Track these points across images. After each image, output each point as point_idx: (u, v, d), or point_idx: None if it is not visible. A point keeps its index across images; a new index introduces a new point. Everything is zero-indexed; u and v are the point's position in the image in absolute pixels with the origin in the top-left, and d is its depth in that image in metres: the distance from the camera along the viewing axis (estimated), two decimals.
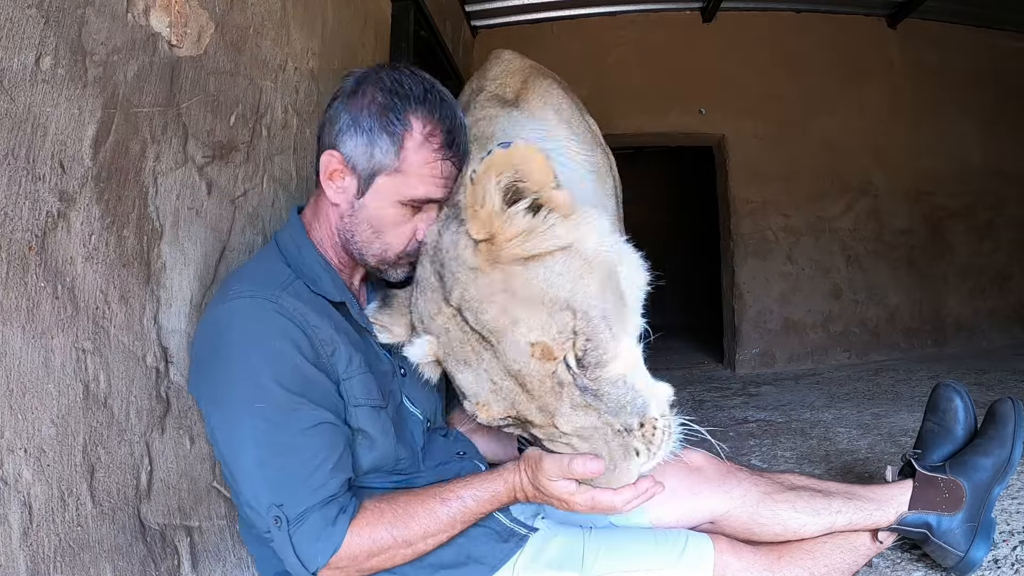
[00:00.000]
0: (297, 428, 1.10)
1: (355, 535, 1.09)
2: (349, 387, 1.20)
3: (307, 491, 1.08)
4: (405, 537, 1.12)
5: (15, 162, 0.96)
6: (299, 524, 1.07)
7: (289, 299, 1.17)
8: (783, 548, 1.38)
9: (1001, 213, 5.07)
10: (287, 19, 1.78)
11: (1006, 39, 5.04)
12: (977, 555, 1.45)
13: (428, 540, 1.14)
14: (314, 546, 1.07)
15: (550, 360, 1.08)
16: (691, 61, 4.76)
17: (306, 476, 1.08)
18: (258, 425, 1.09)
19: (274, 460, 1.09)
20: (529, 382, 1.09)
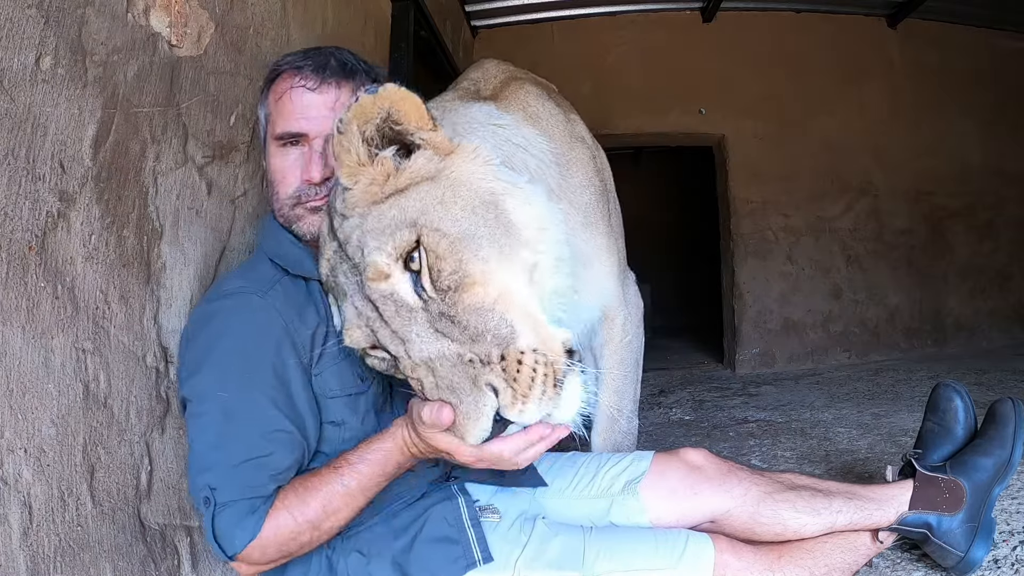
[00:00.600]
0: (253, 427, 1.11)
1: (272, 520, 1.09)
2: (324, 380, 1.21)
3: (241, 488, 1.09)
4: (307, 518, 1.10)
5: (15, 162, 0.96)
6: (223, 509, 1.08)
7: (276, 297, 1.20)
8: (783, 548, 1.38)
9: (1001, 213, 5.07)
10: (287, 19, 1.78)
11: (1006, 39, 5.04)
12: (977, 555, 1.45)
13: (331, 518, 1.12)
14: (231, 532, 1.08)
15: (384, 279, 1.01)
16: (691, 61, 4.76)
17: (247, 475, 1.10)
18: (216, 411, 1.11)
19: (223, 448, 1.10)
20: (380, 305, 1.03)
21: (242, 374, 1.13)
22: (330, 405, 1.22)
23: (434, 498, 1.29)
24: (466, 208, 1.06)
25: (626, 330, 1.89)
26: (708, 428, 3.28)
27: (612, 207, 1.85)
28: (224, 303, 1.19)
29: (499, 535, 1.25)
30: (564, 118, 1.69)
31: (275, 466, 1.12)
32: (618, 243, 1.83)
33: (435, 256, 1.01)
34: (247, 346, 1.15)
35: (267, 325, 1.16)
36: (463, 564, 1.18)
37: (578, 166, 1.64)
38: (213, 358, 1.14)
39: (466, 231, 1.03)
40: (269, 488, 1.11)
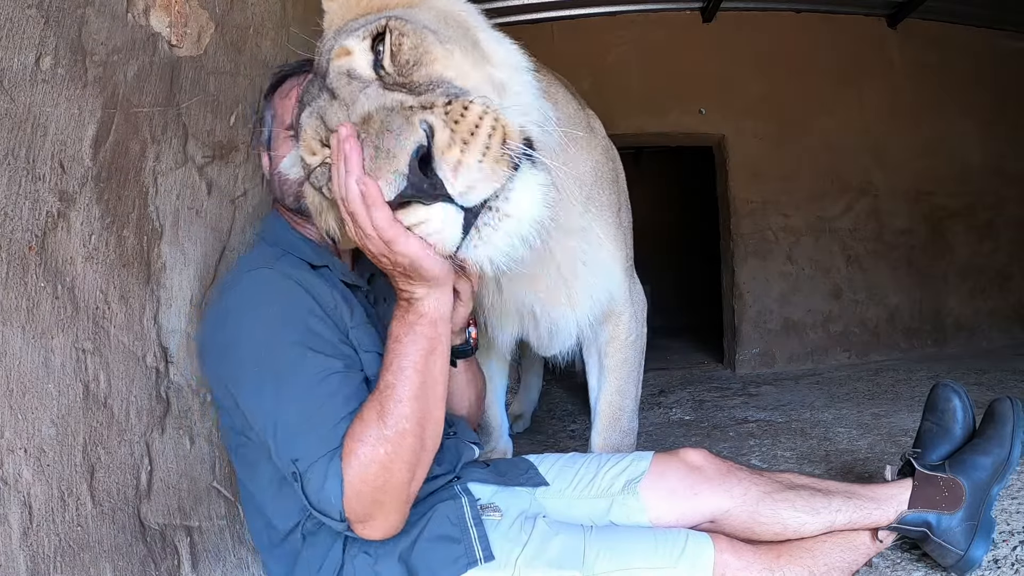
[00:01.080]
0: (305, 379, 1.11)
1: (347, 467, 1.04)
2: (357, 335, 1.24)
3: (317, 443, 1.07)
4: (369, 434, 1.04)
5: (15, 162, 0.96)
6: (308, 478, 1.06)
7: (285, 265, 1.23)
8: (783, 547, 1.38)
9: (1001, 213, 5.06)
10: (287, 19, 1.78)
11: (1006, 39, 5.03)
12: (977, 554, 1.45)
13: (387, 420, 1.05)
14: (321, 493, 1.05)
15: (345, 55, 0.99)
16: (691, 61, 4.76)
17: (316, 427, 1.08)
18: (267, 387, 1.10)
19: (284, 417, 1.09)
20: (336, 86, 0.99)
21: (274, 337, 1.13)
22: (364, 358, 1.23)
23: (438, 497, 1.29)
24: (436, 18, 1.05)
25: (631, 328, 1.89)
26: (708, 428, 3.28)
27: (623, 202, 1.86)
28: (236, 291, 1.21)
29: (500, 533, 1.25)
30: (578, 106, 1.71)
31: (340, 408, 1.10)
32: (627, 239, 1.84)
33: (399, 35, 0.98)
34: (270, 312, 1.16)
35: (283, 288, 1.19)
36: (464, 563, 1.19)
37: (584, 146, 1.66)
38: (242, 340, 1.15)
39: (429, 28, 1.01)
40: (339, 436, 1.07)
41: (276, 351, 1.12)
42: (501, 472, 1.48)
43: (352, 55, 0.99)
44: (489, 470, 1.45)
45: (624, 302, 1.85)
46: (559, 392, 4.18)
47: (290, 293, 1.18)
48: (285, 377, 1.11)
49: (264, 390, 1.11)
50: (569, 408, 3.82)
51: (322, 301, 1.21)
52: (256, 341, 1.14)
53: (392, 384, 1.06)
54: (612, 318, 1.86)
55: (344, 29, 1.06)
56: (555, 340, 1.84)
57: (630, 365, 1.92)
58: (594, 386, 1.99)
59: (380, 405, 1.06)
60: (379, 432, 1.05)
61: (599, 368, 1.95)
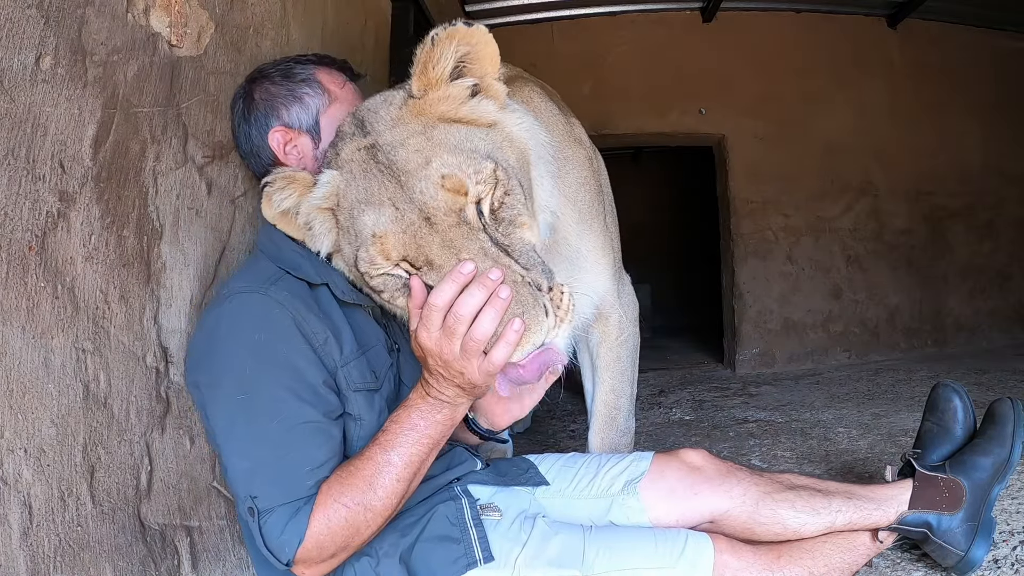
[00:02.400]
0: (280, 424, 1.11)
1: (314, 523, 1.07)
2: (347, 372, 1.22)
3: (280, 490, 1.08)
4: (356, 500, 1.08)
5: (15, 162, 0.96)
6: (267, 516, 1.08)
7: (279, 292, 1.19)
8: (783, 548, 1.38)
9: (1001, 213, 5.07)
10: (287, 19, 1.78)
11: (1006, 39, 5.03)
12: (977, 554, 1.45)
13: (381, 491, 1.09)
14: (280, 539, 1.07)
15: (460, 194, 1.07)
16: (691, 61, 4.76)
17: (282, 474, 1.09)
18: (241, 417, 1.11)
19: (253, 453, 1.10)
20: (435, 215, 1.06)
21: (257, 372, 1.12)
22: (351, 398, 1.22)
23: (438, 498, 1.29)
24: (519, 161, 1.19)
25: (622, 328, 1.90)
26: (708, 428, 3.28)
27: (608, 208, 1.87)
28: (227, 307, 1.18)
29: (499, 533, 1.25)
30: (564, 120, 1.71)
31: (310, 460, 1.10)
32: (613, 243, 1.85)
33: (504, 191, 1.11)
34: (256, 343, 1.14)
35: (273, 319, 1.16)
36: (464, 563, 1.18)
37: (574, 164, 1.67)
38: (225, 363, 1.14)
39: (519, 181, 1.15)
40: (308, 486, 1.09)
41: (256, 388, 1.11)
42: (501, 472, 1.48)
43: (465, 197, 1.07)
44: (489, 470, 1.45)
45: (613, 304, 1.86)
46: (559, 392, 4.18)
47: (279, 326, 1.15)
48: (260, 417, 1.10)
49: (236, 423, 1.11)
50: (569, 408, 3.82)
51: (312, 338, 1.18)
52: (238, 373, 1.12)
53: (394, 465, 1.10)
54: (601, 320, 1.87)
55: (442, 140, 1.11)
56: None
57: (623, 364, 1.92)
58: (589, 388, 2.00)
59: (374, 478, 1.10)
60: (365, 499, 1.09)
61: (592, 369, 1.96)
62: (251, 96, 1.40)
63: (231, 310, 1.17)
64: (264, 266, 1.27)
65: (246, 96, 1.41)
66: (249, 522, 1.09)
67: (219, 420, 1.13)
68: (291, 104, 1.36)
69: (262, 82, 1.40)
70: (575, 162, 1.67)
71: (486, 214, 1.09)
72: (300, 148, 1.37)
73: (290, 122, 1.36)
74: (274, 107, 1.37)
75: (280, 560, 1.08)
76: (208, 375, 1.15)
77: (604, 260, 1.76)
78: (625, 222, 2.07)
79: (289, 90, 1.37)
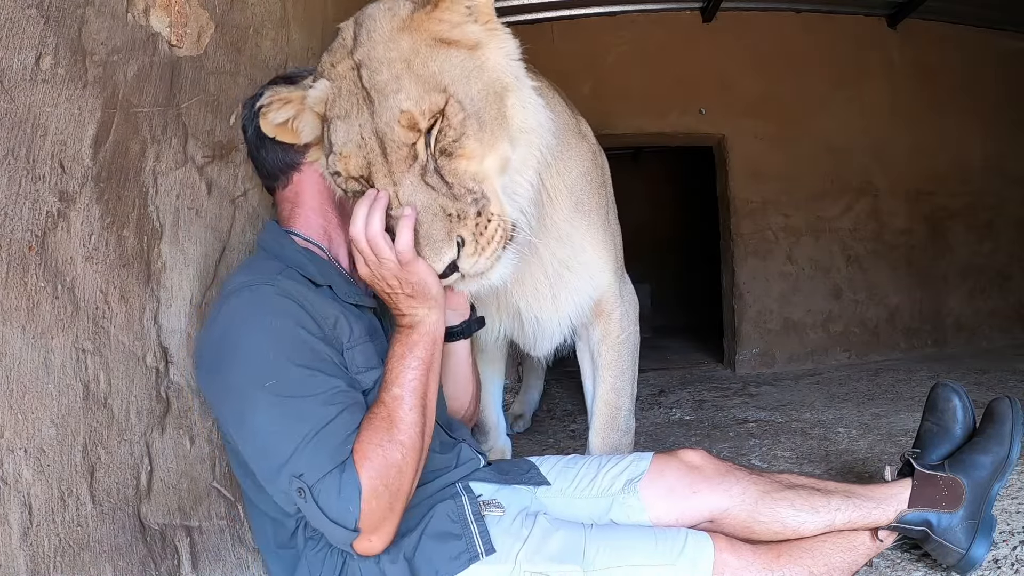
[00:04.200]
0: (312, 398, 1.12)
1: (362, 471, 1.08)
2: (352, 355, 1.24)
3: (326, 458, 1.08)
4: (386, 438, 1.11)
5: (15, 162, 0.96)
6: (320, 486, 1.07)
7: (286, 281, 1.22)
8: (782, 547, 1.38)
9: (1001, 213, 5.06)
10: (287, 19, 1.78)
11: (1006, 39, 5.03)
12: (978, 552, 1.45)
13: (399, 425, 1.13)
14: (340, 499, 1.06)
15: (413, 130, 1.17)
16: (691, 61, 4.76)
17: (325, 442, 1.09)
18: (272, 401, 1.11)
19: (295, 432, 1.09)
20: (389, 146, 1.17)
21: (280, 355, 1.13)
22: (361, 379, 1.24)
23: (439, 496, 1.30)
24: (482, 92, 1.23)
25: (623, 327, 1.91)
26: (708, 428, 3.28)
27: (610, 205, 1.89)
28: (237, 300, 1.19)
29: (501, 528, 1.26)
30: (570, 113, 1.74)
31: (348, 426, 1.12)
32: (615, 240, 1.87)
33: (447, 124, 1.18)
34: (274, 329, 1.15)
35: (283, 306, 1.18)
36: (466, 558, 1.19)
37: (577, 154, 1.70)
38: (246, 354, 1.14)
39: (475, 112, 1.21)
40: (347, 450, 1.10)
41: (283, 370, 1.12)
42: (503, 471, 1.48)
43: (417, 134, 1.18)
44: (491, 469, 1.45)
45: (614, 302, 1.87)
46: (559, 392, 4.18)
47: (292, 311, 1.18)
48: (294, 396, 1.11)
49: (271, 409, 1.11)
50: (569, 408, 3.82)
51: (321, 321, 1.22)
52: (261, 360, 1.13)
53: (400, 396, 1.15)
54: (603, 317, 1.88)
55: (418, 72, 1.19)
56: (540, 340, 1.86)
57: (623, 363, 1.93)
58: (589, 388, 2.00)
59: (390, 414, 1.13)
60: (393, 438, 1.11)
61: (593, 367, 1.97)
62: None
63: (242, 302, 1.19)
64: (266, 262, 1.29)
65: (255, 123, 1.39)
66: (303, 504, 1.09)
67: (250, 412, 1.12)
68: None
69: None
70: (577, 152, 1.71)
71: (431, 146, 1.18)
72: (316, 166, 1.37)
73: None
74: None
75: (347, 525, 1.07)
76: (229, 370, 1.15)
77: (605, 255, 1.78)
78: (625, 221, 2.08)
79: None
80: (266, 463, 1.12)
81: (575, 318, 1.82)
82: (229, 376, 1.15)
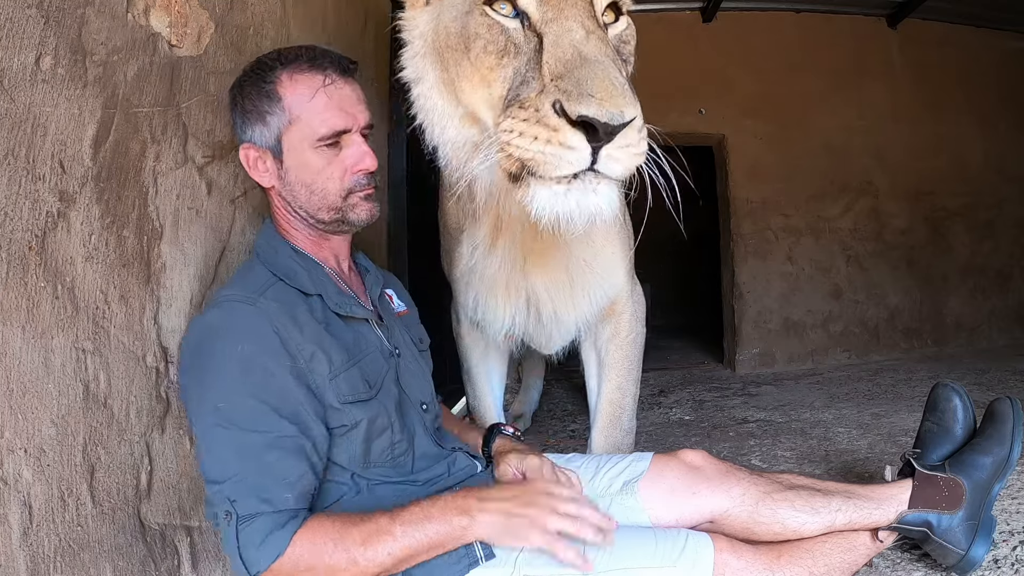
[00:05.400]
0: (257, 434, 1.11)
1: (298, 544, 1.07)
2: (337, 386, 1.21)
3: (259, 499, 1.08)
4: (347, 548, 1.08)
5: (15, 162, 0.96)
6: (247, 523, 1.07)
7: (267, 302, 1.19)
8: (783, 547, 1.38)
9: (1001, 213, 5.06)
10: (287, 19, 1.78)
11: (1006, 39, 5.03)
12: (978, 553, 1.45)
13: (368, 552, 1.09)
14: (257, 550, 1.06)
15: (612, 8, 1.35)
16: (691, 61, 4.76)
17: (260, 483, 1.09)
18: (221, 424, 1.10)
19: (232, 461, 1.09)
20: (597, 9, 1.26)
21: (239, 382, 1.12)
22: (344, 411, 1.21)
23: None
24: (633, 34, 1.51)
25: (632, 327, 1.93)
26: (708, 428, 3.28)
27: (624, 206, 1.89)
28: (215, 313, 1.19)
29: None
30: None
31: (287, 474, 1.11)
32: (628, 241, 1.88)
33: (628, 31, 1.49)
34: (241, 354, 1.14)
35: (260, 332, 1.15)
36: (466, 563, 1.18)
37: None
38: (210, 370, 1.14)
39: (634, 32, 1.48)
40: (287, 499, 1.09)
41: (238, 398, 1.11)
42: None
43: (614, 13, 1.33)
44: (489, 472, 1.45)
45: (626, 302, 1.89)
46: (559, 392, 4.18)
47: (265, 340, 1.15)
48: (241, 426, 1.10)
49: (217, 429, 1.11)
50: (569, 408, 3.82)
51: (298, 356, 1.17)
52: (222, 381, 1.12)
53: (396, 537, 1.10)
54: (613, 317, 1.89)
55: None
56: (555, 337, 1.86)
57: (630, 363, 1.94)
58: (593, 387, 2.00)
59: (370, 538, 1.09)
60: (351, 555, 1.08)
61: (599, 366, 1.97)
62: (233, 101, 1.33)
63: (219, 317, 1.18)
64: (258, 272, 1.27)
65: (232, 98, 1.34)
66: (224, 526, 1.09)
67: (201, 425, 1.13)
68: (255, 122, 1.28)
69: (240, 89, 1.32)
70: None
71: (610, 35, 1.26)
72: (268, 165, 1.30)
73: (255, 140, 1.29)
74: (245, 122, 1.30)
75: (249, 571, 1.07)
76: (194, 380, 1.16)
77: (622, 255, 1.81)
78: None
79: (255, 105, 1.28)
80: (207, 475, 1.12)
81: (592, 316, 1.82)
82: (196, 388, 1.15)
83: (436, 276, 2.14)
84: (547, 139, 1.10)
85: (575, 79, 1.09)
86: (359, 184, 1.31)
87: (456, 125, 1.41)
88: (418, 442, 1.36)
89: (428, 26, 1.43)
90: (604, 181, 1.15)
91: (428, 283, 2.51)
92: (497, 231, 1.66)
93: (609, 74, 1.09)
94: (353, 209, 1.32)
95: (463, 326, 2.06)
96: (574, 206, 1.15)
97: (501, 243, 1.67)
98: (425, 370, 1.49)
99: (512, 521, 1.14)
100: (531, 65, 1.19)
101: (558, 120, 1.09)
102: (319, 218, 1.31)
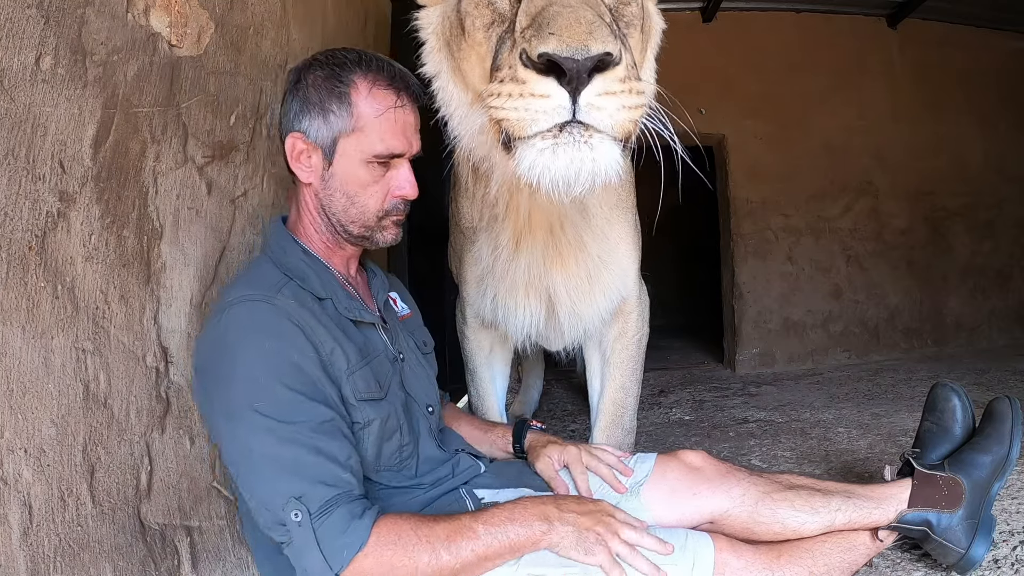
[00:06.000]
0: (303, 424, 1.10)
1: (380, 535, 1.06)
2: (353, 382, 1.21)
3: (323, 486, 1.07)
4: (449, 549, 1.08)
5: (15, 162, 0.96)
6: (324, 516, 1.05)
7: (284, 299, 1.18)
8: (783, 547, 1.38)
9: (1001, 213, 5.06)
10: (287, 19, 1.78)
11: (1006, 39, 5.03)
12: (978, 552, 1.45)
13: (471, 555, 1.09)
14: (340, 540, 1.04)
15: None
16: (691, 61, 4.75)
17: (320, 469, 1.07)
18: (261, 423, 1.08)
19: (285, 453, 1.07)
20: None
21: (270, 378, 1.10)
22: (359, 408, 1.22)
23: (443, 500, 1.30)
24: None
25: (638, 326, 1.94)
26: (708, 428, 3.28)
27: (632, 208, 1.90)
28: (232, 314, 1.16)
29: None
30: None
31: (338, 455, 1.10)
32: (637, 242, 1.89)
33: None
34: (266, 351, 1.12)
35: (281, 328, 1.15)
36: None
37: None
38: (236, 373, 1.11)
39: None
40: (349, 480, 1.09)
41: (272, 393, 1.09)
42: (505, 473, 1.48)
43: None
44: (492, 473, 1.46)
45: (635, 302, 1.90)
46: (559, 392, 4.18)
47: (288, 334, 1.14)
48: (282, 419, 1.08)
49: (257, 431, 1.08)
50: (569, 408, 3.82)
51: (320, 347, 1.17)
52: (251, 381, 1.10)
53: (479, 536, 1.11)
54: (622, 316, 1.90)
55: None
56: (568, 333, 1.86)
57: (634, 362, 1.95)
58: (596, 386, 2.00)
59: (456, 536, 1.10)
60: (436, 553, 1.08)
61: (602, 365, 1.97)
62: (296, 85, 1.28)
63: (237, 317, 1.15)
64: (268, 271, 1.25)
65: (296, 81, 1.29)
66: (295, 532, 1.05)
67: (242, 432, 1.09)
68: (315, 116, 1.25)
69: (308, 74, 1.27)
70: None
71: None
72: (314, 161, 1.27)
73: (309, 133, 1.26)
74: (303, 111, 1.26)
75: (333, 568, 1.04)
76: (223, 387, 1.13)
77: (634, 254, 1.83)
78: None
79: (320, 98, 1.24)
80: (260, 483, 1.09)
81: (607, 313, 1.82)
82: (222, 393, 1.12)
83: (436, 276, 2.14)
84: (519, 93, 1.05)
85: (539, 23, 1.02)
86: (396, 208, 1.31)
87: (467, 111, 1.41)
88: (423, 445, 1.36)
89: (438, 21, 1.46)
90: (596, 135, 1.06)
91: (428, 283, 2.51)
92: (521, 232, 1.65)
93: (577, 13, 1.00)
94: (383, 231, 1.32)
95: (469, 326, 2.05)
96: (567, 163, 1.06)
97: (525, 245, 1.66)
98: (429, 373, 1.49)
99: (584, 535, 1.14)
100: (510, 28, 1.17)
101: (526, 72, 1.04)
102: (348, 230, 1.30)
